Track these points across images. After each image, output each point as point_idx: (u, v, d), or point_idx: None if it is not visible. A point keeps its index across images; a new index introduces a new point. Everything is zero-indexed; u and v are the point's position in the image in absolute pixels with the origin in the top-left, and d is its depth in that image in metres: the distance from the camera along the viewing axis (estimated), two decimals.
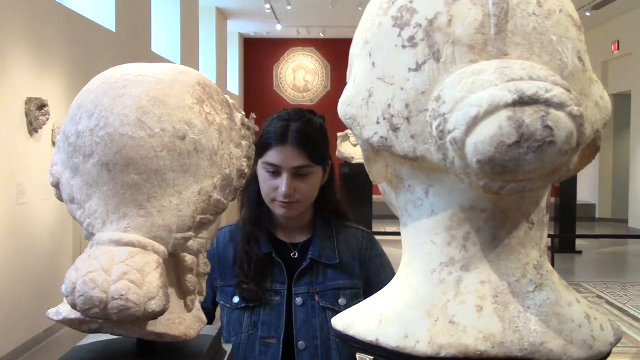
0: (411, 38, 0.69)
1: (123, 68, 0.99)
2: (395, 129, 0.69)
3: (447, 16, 0.67)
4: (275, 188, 1.69)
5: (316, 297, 1.73)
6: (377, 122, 0.71)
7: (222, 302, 1.77)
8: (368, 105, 0.72)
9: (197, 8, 11.58)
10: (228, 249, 1.78)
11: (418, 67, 0.68)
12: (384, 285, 1.87)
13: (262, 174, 1.71)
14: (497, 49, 0.66)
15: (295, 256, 1.78)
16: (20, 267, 5.19)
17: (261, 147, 1.69)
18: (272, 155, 1.68)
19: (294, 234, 1.81)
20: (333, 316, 1.66)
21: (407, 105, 0.68)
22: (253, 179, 1.75)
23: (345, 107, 0.76)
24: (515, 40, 0.67)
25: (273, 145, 1.68)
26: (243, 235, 1.76)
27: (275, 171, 1.69)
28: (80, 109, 0.95)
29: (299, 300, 1.72)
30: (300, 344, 1.69)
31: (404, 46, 0.69)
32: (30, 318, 5.26)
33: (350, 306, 1.69)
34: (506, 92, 0.61)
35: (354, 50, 0.79)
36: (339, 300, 1.73)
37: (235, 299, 1.73)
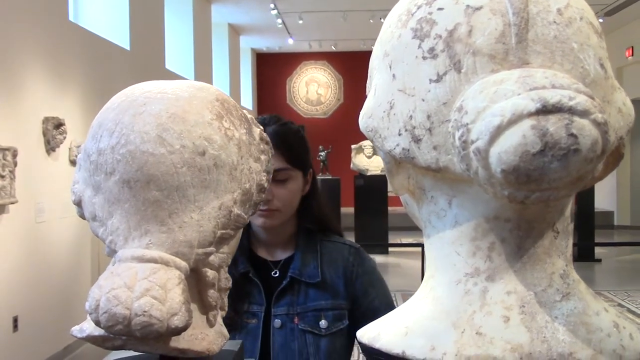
0: (432, 49, 0.68)
1: (143, 86, 1.00)
2: (417, 140, 0.69)
3: (467, 27, 0.67)
4: None
5: (295, 320, 1.62)
6: (399, 134, 0.71)
7: None
8: (390, 117, 0.72)
9: (210, 25, 11.67)
10: None
11: (439, 78, 0.67)
12: (375, 305, 1.80)
13: None
14: (519, 59, 0.66)
15: (277, 275, 1.68)
16: (40, 285, 5.22)
17: None
18: None
19: (275, 251, 1.71)
20: (313, 340, 1.60)
21: (429, 117, 0.68)
22: None
23: (366, 119, 0.76)
24: (536, 49, 0.66)
25: None
26: None
27: None
28: (101, 127, 0.96)
29: (277, 322, 1.61)
30: None
31: (424, 57, 0.69)
32: (51, 336, 5.28)
33: (332, 329, 1.64)
34: (529, 101, 0.60)
35: (373, 63, 0.79)
36: (320, 323, 1.62)
37: None
